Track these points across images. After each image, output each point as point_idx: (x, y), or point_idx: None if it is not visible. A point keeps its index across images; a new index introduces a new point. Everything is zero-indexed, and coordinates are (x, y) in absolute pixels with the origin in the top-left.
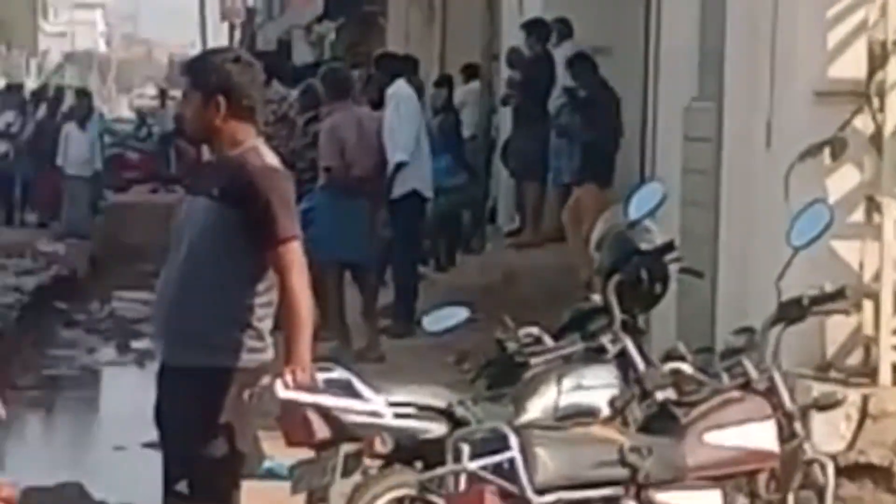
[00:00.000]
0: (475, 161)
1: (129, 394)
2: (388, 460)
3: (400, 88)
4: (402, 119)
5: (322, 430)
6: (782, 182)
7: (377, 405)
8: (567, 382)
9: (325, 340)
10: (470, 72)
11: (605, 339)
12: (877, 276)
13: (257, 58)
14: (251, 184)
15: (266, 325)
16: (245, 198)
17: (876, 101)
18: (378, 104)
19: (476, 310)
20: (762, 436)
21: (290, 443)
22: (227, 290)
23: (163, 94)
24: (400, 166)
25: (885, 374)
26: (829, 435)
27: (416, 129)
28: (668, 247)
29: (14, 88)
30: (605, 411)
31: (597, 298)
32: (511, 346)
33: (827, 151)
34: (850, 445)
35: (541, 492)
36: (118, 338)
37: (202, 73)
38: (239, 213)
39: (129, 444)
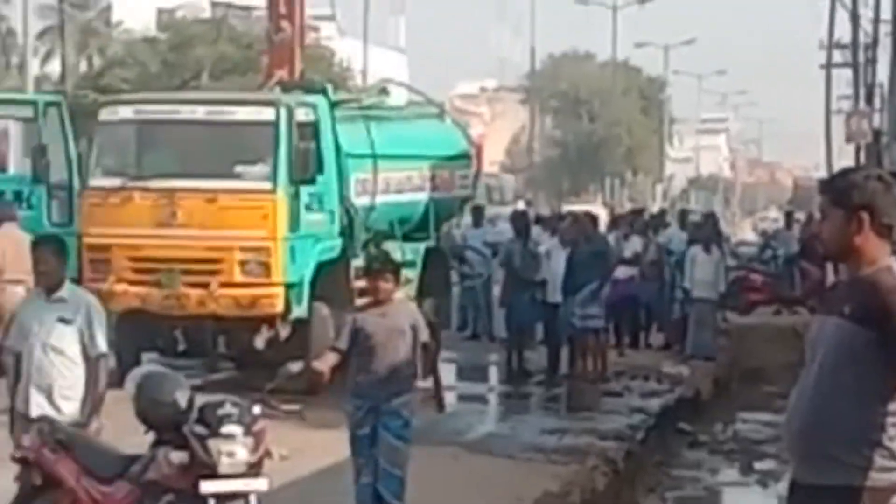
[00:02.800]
0: None
1: None
2: None
3: None
4: None
5: None
6: None
7: None
8: None
9: None
10: None
11: None
12: None
13: None
14: (885, 302)
15: None
16: (877, 316)
17: None
18: None
19: None
20: None
21: None
22: (858, 408)
23: (788, 216)
24: None
25: None
26: None
27: None
28: None
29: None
30: None
31: None
32: None
33: None
34: None
35: None
36: (742, 459)
37: (845, 189)
38: (870, 331)
39: None
